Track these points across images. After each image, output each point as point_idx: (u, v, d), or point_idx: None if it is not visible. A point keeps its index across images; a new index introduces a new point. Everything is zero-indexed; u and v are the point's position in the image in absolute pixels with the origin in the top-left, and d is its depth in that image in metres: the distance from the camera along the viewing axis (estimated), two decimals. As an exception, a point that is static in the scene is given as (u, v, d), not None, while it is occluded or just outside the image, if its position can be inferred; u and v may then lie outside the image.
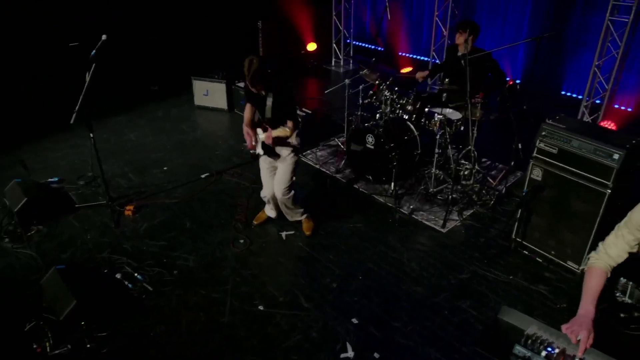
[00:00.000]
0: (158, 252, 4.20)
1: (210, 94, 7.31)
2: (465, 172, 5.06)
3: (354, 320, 3.48)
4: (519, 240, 4.18)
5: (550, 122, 3.77)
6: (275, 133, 3.71)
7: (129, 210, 4.71)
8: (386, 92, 5.22)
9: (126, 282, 3.81)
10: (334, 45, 9.66)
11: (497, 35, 7.69)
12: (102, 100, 6.69)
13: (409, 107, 5.12)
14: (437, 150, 4.77)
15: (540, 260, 4.05)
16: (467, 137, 4.84)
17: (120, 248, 4.23)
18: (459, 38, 5.02)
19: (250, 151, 4.09)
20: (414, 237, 4.42)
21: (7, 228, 4.39)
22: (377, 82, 5.30)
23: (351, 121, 5.80)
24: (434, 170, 4.89)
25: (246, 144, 4.00)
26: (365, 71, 5.41)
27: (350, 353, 3.22)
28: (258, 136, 3.95)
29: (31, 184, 4.79)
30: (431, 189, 4.95)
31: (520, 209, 4.03)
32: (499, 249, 4.22)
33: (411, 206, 4.80)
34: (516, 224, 4.15)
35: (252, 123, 4.02)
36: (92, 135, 4.36)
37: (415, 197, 4.95)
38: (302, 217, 4.45)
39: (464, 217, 4.68)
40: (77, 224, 4.56)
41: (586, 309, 2.13)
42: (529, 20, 7.35)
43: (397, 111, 5.23)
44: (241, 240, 4.35)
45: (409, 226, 4.58)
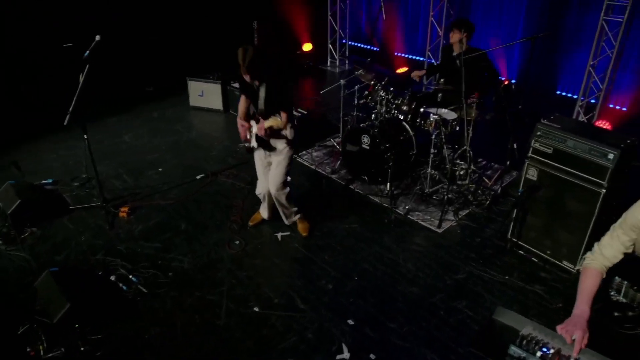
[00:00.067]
0: (153, 253, 4.18)
1: (205, 94, 7.28)
2: (461, 172, 5.06)
3: (350, 322, 3.47)
4: (514, 240, 4.18)
5: (546, 122, 3.77)
6: (267, 123, 3.67)
7: (124, 211, 4.68)
8: (381, 93, 5.21)
9: (121, 284, 3.78)
10: (330, 45, 9.65)
11: (492, 35, 7.70)
12: (97, 101, 6.66)
13: (405, 107, 5.12)
14: (433, 150, 4.77)
15: (536, 260, 4.05)
16: (462, 137, 4.85)
17: (114, 250, 4.21)
18: (454, 37, 5.03)
19: (245, 145, 4.06)
20: (410, 238, 4.42)
21: (0, 230, 4.35)
22: (372, 82, 5.30)
23: (347, 121, 5.79)
24: (429, 170, 4.89)
25: (244, 144, 3.97)
26: (361, 71, 5.41)
27: (346, 354, 3.21)
28: (252, 129, 3.92)
29: (25, 185, 4.76)
30: (427, 189, 4.95)
31: (515, 209, 4.03)
32: (494, 249, 4.22)
33: (407, 206, 4.79)
34: (512, 224, 4.15)
35: (247, 115, 3.98)
36: (85, 136, 4.34)
37: (410, 197, 4.94)
38: (296, 216, 4.42)
39: (459, 217, 4.68)
40: (71, 226, 4.54)
41: (581, 309, 2.14)
42: (524, 20, 7.37)
43: (393, 111, 5.22)
44: (237, 242, 4.33)
45: (404, 226, 4.57)
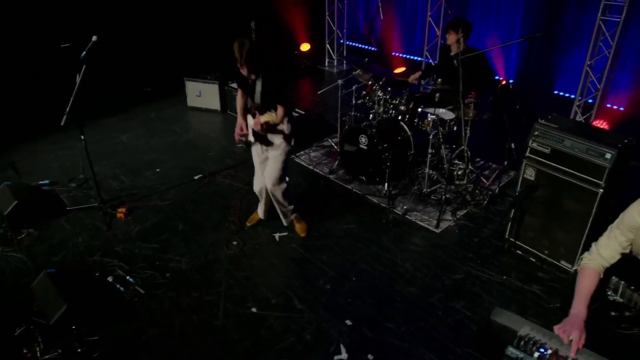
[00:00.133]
0: (150, 254, 4.16)
1: (203, 95, 7.27)
2: (459, 172, 5.06)
3: (348, 322, 3.46)
4: (512, 240, 4.18)
5: (543, 121, 3.77)
6: (263, 119, 3.65)
7: (121, 212, 4.67)
8: (379, 93, 5.21)
9: (118, 286, 3.77)
10: (327, 45, 9.65)
11: (489, 35, 7.71)
12: (95, 101, 6.66)
13: (402, 107, 5.11)
14: (431, 150, 4.77)
15: (534, 260, 4.05)
16: (460, 137, 4.84)
17: (112, 251, 4.19)
18: (450, 38, 5.03)
19: (241, 145, 4.04)
20: (408, 238, 4.41)
21: (-3, 231, 4.34)
22: (370, 82, 5.30)
23: (344, 122, 5.78)
24: (427, 170, 4.89)
25: (241, 144, 3.96)
26: (358, 71, 5.40)
27: (344, 355, 3.21)
28: (249, 123, 3.90)
29: (21, 186, 4.74)
30: (425, 189, 4.95)
31: (513, 209, 4.03)
32: (492, 249, 4.22)
33: (405, 206, 4.79)
34: (509, 223, 4.15)
35: (245, 110, 3.96)
36: (83, 137, 4.33)
37: (408, 197, 4.94)
38: (292, 215, 4.40)
39: (457, 217, 4.68)
40: (68, 227, 4.52)
41: (578, 309, 2.14)
42: (522, 20, 7.38)
43: (390, 111, 5.22)
44: (234, 242, 4.32)
45: (402, 226, 4.57)
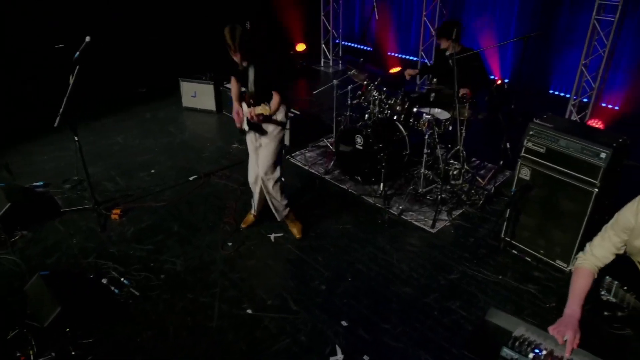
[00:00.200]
0: (145, 256, 4.14)
1: (198, 95, 7.25)
2: (454, 172, 5.06)
3: (344, 323, 3.45)
4: (508, 239, 4.18)
5: (538, 121, 3.77)
6: (258, 111, 3.63)
7: (116, 214, 4.65)
8: (374, 93, 5.20)
9: (112, 287, 3.75)
10: (323, 45, 9.64)
11: (484, 35, 7.71)
12: (89, 102, 6.62)
13: (398, 107, 5.11)
14: (426, 150, 4.76)
15: (530, 260, 4.05)
16: (455, 136, 4.84)
17: (106, 253, 4.17)
18: (444, 44, 5.08)
19: (237, 128, 4.04)
20: (404, 238, 4.41)
21: (-10, 234, 4.31)
22: (365, 82, 5.29)
23: (340, 122, 5.77)
24: (423, 170, 4.88)
25: (241, 136, 3.94)
26: (354, 71, 5.39)
27: (339, 356, 3.20)
28: (243, 111, 3.88)
29: (15, 188, 4.71)
30: (420, 189, 4.95)
31: (509, 209, 4.03)
32: (488, 249, 4.22)
33: (400, 206, 4.79)
34: (505, 223, 4.15)
35: (240, 96, 3.94)
36: (76, 138, 4.31)
37: (404, 197, 4.93)
38: (285, 210, 4.36)
39: (453, 217, 4.67)
40: (63, 229, 4.49)
41: (572, 310, 2.14)
42: (517, 20, 7.39)
43: (386, 111, 5.22)
44: (229, 243, 4.31)
45: (398, 227, 4.56)
